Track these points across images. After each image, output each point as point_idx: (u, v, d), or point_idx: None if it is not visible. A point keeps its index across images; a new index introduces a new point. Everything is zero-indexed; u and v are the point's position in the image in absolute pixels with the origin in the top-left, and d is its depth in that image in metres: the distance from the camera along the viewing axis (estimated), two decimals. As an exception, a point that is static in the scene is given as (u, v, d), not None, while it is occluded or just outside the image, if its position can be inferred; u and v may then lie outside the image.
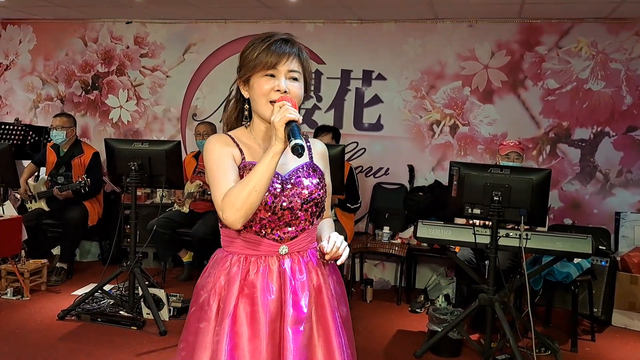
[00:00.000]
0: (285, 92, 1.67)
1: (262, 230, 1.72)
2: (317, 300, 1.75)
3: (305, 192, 1.73)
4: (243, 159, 1.73)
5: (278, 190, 1.70)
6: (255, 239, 1.72)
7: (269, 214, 1.69)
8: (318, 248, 1.76)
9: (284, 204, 1.70)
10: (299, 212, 1.73)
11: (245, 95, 1.76)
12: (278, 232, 1.73)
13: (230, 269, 1.73)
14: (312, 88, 1.85)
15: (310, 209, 1.75)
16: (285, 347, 1.65)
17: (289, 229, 1.74)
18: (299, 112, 1.70)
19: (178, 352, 1.81)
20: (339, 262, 1.72)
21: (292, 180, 1.73)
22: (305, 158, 1.79)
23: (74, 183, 4.98)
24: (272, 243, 1.73)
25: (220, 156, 1.70)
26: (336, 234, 1.74)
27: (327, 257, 1.70)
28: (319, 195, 1.77)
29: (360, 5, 5.18)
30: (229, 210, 1.59)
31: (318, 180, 1.78)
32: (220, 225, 1.79)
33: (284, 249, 1.74)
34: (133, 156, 4.24)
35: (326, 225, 1.90)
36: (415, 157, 5.59)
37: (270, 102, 1.68)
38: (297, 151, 1.54)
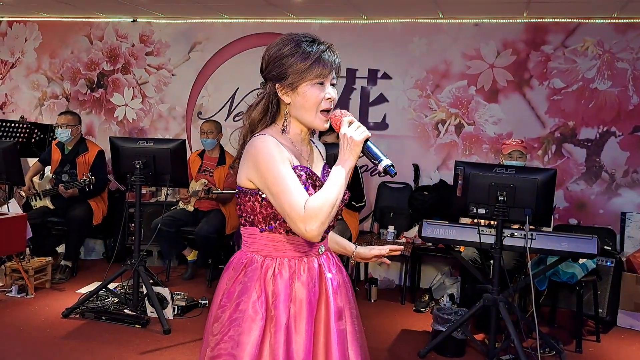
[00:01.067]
0: (334, 99, 1.72)
1: None
2: (344, 294, 1.83)
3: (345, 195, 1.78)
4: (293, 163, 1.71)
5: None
6: (297, 240, 1.73)
7: None
8: (354, 255, 1.97)
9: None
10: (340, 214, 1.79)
11: (287, 100, 1.71)
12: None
13: (276, 275, 1.70)
14: None
15: (341, 210, 1.79)
16: (330, 342, 1.70)
17: (328, 229, 1.79)
18: None
19: (212, 349, 1.71)
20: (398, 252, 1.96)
21: (383, 174, 1.81)
22: (322, 160, 1.87)
23: (79, 181, 4.99)
24: (314, 243, 1.76)
25: (283, 163, 1.64)
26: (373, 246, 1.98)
27: (385, 253, 1.95)
28: (347, 195, 1.79)
29: (365, 3, 5.17)
30: (314, 224, 1.58)
31: None
32: (259, 230, 1.72)
33: (322, 248, 1.80)
34: (138, 154, 4.24)
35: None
36: (420, 157, 5.57)
37: (321, 111, 1.71)
38: (391, 172, 1.65)
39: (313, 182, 1.71)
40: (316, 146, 1.88)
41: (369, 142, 1.66)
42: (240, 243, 1.86)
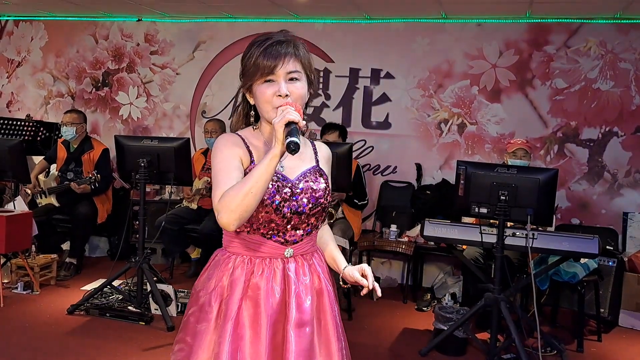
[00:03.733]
0: (286, 95, 1.65)
1: (269, 233, 1.71)
2: (318, 304, 1.76)
3: (314, 196, 1.73)
4: (252, 161, 1.71)
5: (288, 194, 1.70)
6: (261, 240, 1.72)
7: (279, 217, 1.69)
8: (346, 276, 1.81)
9: (294, 208, 1.70)
10: (307, 217, 1.73)
11: (251, 102, 1.75)
12: (285, 234, 1.73)
13: (233, 270, 1.72)
14: (320, 84, 1.85)
15: (317, 214, 1.75)
16: (287, 349, 1.65)
17: (296, 232, 1.74)
18: (306, 111, 1.72)
19: (173, 352, 1.79)
20: (379, 294, 1.79)
21: (300, 185, 1.72)
22: (312, 162, 1.80)
23: (84, 179, 5.02)
24: (278, 245, 1.73)
25: (227, 156, 1.69)
26: (367, 266, 1.82)
27: (364, 290, 1.76)
28: (327, 200, 1.77)
29: (368, 3, 5.19)
30: (224, 212, 1.57)
31: (325, 185, 1.78)
32: None
33: (289, 251, 1.74)
34: (142, 153, 4.26)
35: (329, 237, 1.94)
36: (422, 156, 5.59)
37: (276, 108, 1.66)
38: (290, 148, 1.52)
39: (272, 182, 1.68)
40: (313, 147, 1.85)
41: (293, 127, 1.56)
42: None
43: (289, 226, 1.72)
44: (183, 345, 1.75)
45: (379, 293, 1.76)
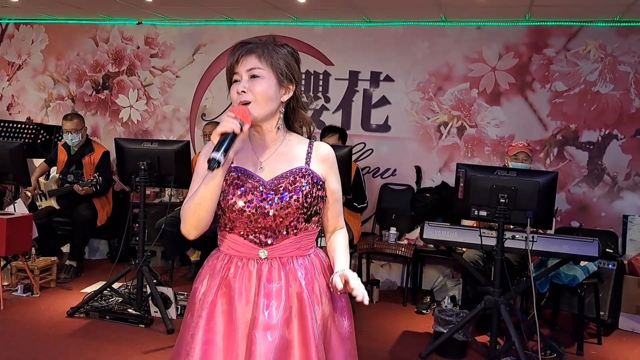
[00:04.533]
0: (243, 92, 1.68)
1: (245, 233, 1.73)
2: (299, 310, 1.70)
3: (286, 198, 1.69)
4: (231, 164, 1.71)
5: (258, 195, 1.70)
6: (238, 240, 1.75)
7: (250, 218, 1.70)
8: (330, 282, 1.73)
9: (260, 210, 1.69)
10: (279, 218, 1.70)
11: None
12: (259, 235, 1.73)
13: (215, 265, 1.78)
14: (300, 79, 1.80)
15: (292, 215, 1.71)
16: (253, 351, 1.62)
17: (269, 233, 1.72)
18: (297, 110, 1.79)
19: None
20: (366, 302, 1.65)
21: (273, 187, 1.71)
22: (299, 162, 1.76)
23: (86, 181, 5.03)
24: (252, 246, 1.73)
25: (199, 166, 1.75)
26: (353, 275, 1.68)
27: (358, 298, 1.64)
28: (306, 201, 1.71)
29: (368, 6, 5.20)
30: (182, 222, 1.69)
31: (308, 185, 1.72)
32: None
33: (263, 252, 1.73)
34: (142, 155, 4.27)
35: (340, 243, 1.85)
36: (422, 159, 5.60)
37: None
38: (209, 165, 1.55)
39: (242, 183, 1.70)
40: (309, 147, 1.81)
41: (228, 136, 1.57)
42: None
43: (260, 226, 1.71)
44: (178, 335, 1.82)
45: (366, 301, 1.65)
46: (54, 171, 5.43)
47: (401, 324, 4.50)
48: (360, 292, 1.65)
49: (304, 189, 1.72)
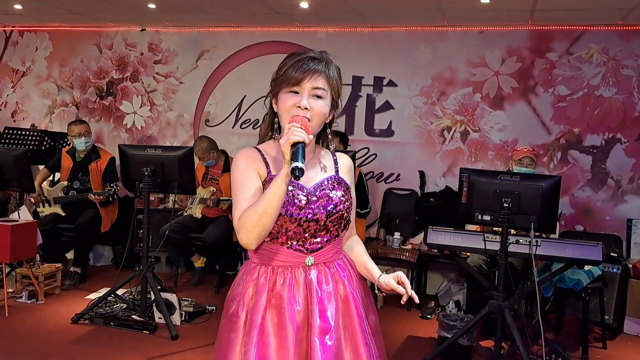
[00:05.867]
0: (306, 108, 1.68)
1: (289, 242, 1.73)
2: (344, 311, 1.76)
3: (330, 204, 1.75)
4: (269, 172, 1.75)
5: (303, 202, 1.71)
6: (280, 249, 1.74)
7: (294, 225, 1.71)
8: (382, 284, 1.82)
9: (309, 215, 1.72)
10: (324, 224, 1.74)
11: (275, 109, 1.78)
12: (304, 243, 1.74)
13: (258, 280, 1.75)
14: (341, 105, 1.85)
15: (335, 221, 1.76)
16: (313, 357, 1.66)
17: (315, 240, 1.75)
18: (329, 130, 1.79)
19: None
20: (417, 300, 1.82)
21: (317, 193, 1.75)
22: (332, 171, 1.83)
23: (104, 191, 5.05)
24: (298, 254, 1.75)
25: (244, 174, 1.73)
26: (402, 274, 1.83)
27: (404, 298, 1.79)
28: (344, 207, 1.78)
29: (371, 12, 5.21)
30: (242, 232, 1.64)
31: (342, 192, 1.79)
32: None
33: (310, 259, 1.76)
34: (146, 162, 4.28)
35: (363, 250, 1.95)
36: (425, 163, 5.60)
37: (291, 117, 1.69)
38: (295, 174, 1.55)
39: (290, 192, 1.70)
40: (334, 157, 1.88)
41: (299, 146, 1.59)
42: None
43: (307, 234, 1.74)
44: (217, 355, 1.79)
45: (416, 300, 1.79)
46: (58, 178, 5.44)
47: (405, 328, 4.50)
48: (414, 293, 1.81)
49: (343, 196, 1.79)
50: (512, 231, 3.71)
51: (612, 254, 4.59)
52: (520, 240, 3.62)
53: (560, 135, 5.28)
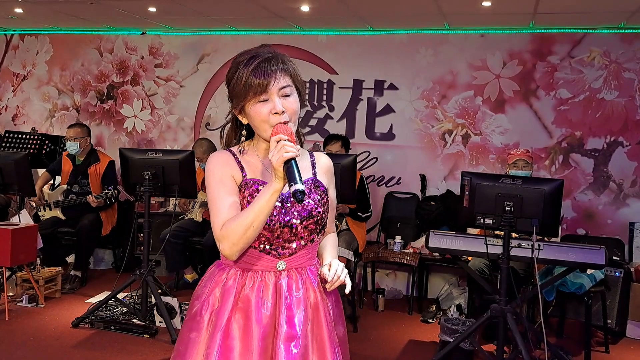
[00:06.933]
0: (283, 112, 1.64)
1: (261, 246, 1.70)
2: (313, 318, 1.72)
3: (306, 209, 1.71)
4: (244, 176, 1.71)
5: (278, 207, 1.67)
6: (253, 253, 1.70)
7: (267, 231, 1.68)
8: (319, 273, 1.75)
9: (283, 220, 1.68)
10: (298, 229, 1.70)
11: (244, 122, 1.73)
12: (277, 248, 1.71)
13: (226, 282, 1.72)
14: (307, 95, 1.82)
15: (309, 226, 1.72)
16: None
17: (289, 245, 1.71)
18: (298, 123, 1.73)
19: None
20: (346, 290, 1.71)
21: (291, 198, 1.68)
22: (308, 173, 1.78)
23: (102, 194, 5.04)
24: (270, 259, 1.71)
25: (220, 180, 1.69)
26: (336, 261, 1.74)
27: (328, 285, 1.70)
28: (319, 212, 1.73)
29: (371, 15, 5.21)
30: (226, 244, 1.62)
31: (319, 197, 1.75)
32: None
33: (281, 264, 1.72)
34: (147, 165, 4.28)
35: (329, 244, 1.89)
36: (427, 167, 5.59)
37: (273, 126, 1.64)
38: (298, 198, 1.52)
39: None
40: (312, 158, 1.84)
41: (292, 163, 1.55)
42: None
43: (280, 239, 1.70)
44: (176, 353, 1.76)
45: (348, 288, 1.71)
46: (57, 181, 5.43)
47: (407, 333, 4.48)
48: (347, 280, 1.69)
49: (320, 200, 1.75)
50: (514, 235, 3.68)
51: (614, 257, 4.58)
52: (522, 244, 3.61)
53: (561, 138, 5.27)
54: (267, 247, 1.70)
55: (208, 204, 1.70)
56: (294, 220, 1.69)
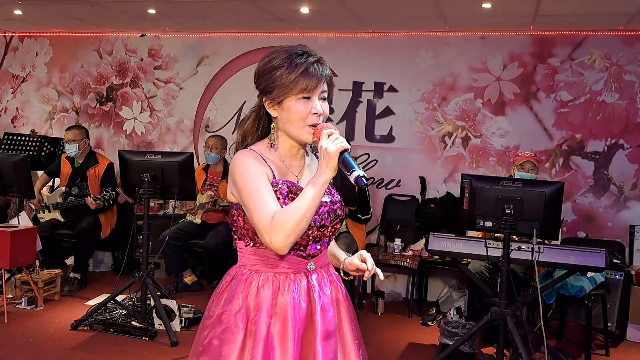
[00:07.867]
0: (321, 114, 1.68)
1: (294, 248, 1.68)
2: (337, 314, 1.77)
3: (333, 209, 1.75)
4: (274, 177, 1.69)
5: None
6: (283, 256, 1.68)
7: (306, 231, 1.67)
8: (348, 264, 1.82)
9: (317, 221, 1.69)
10: (328, 229, 1.74)
11: (274, 114, 1.71)
12: (306, 249, 1.72)
13: (259, 289, 1.69)
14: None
15: (335, 226, 1.76)
16: None
17: (316, 245, 1.74)
18: None
19: None
20: (381, 278, 1.77)
21: (322, 199, 1.70)
22: None
23: (99, 196, 5.03)
24: (302, 260, 1.72)
25: (257, 176, 1.64)
26: (365, 251, 1.82)
27: (367, 274, 1.76)
28: (343, 211, 1.79)
29: (372, 17, 5.20)
30: (279, 236, 1.55)
31: (336, 194, 1.80)
32: (244, 244, 1.73)
33: (311, 265, 1.74)
34: (146, 167, 4.27)
35: (332, 242, 1.91)
36: (427, 169, 5.58)
37: (310, 125, 1.66)
38: (361, 183, 1.56)
39: (294, 197, 1.66)
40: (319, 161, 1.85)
41: (345, 154, 1.60)
42: None
43: (310, 240, 1.71)
44: None
45: (381, 276, 1.77)
46: (56, 183, 5.42)
47: (406, 335, 4.47)
48: (379, 270, 1.78)
49: (339, 199, 1.80)
50: (514, 237, 3.68)
51: (614, 260, 4.57)
52: (523, 247, 3.60)
53: (562, 141, 5.26)
54: (297, 248, 1.70)
55: (244, 199, 1.64)
56: (325, 220, 1.72)
